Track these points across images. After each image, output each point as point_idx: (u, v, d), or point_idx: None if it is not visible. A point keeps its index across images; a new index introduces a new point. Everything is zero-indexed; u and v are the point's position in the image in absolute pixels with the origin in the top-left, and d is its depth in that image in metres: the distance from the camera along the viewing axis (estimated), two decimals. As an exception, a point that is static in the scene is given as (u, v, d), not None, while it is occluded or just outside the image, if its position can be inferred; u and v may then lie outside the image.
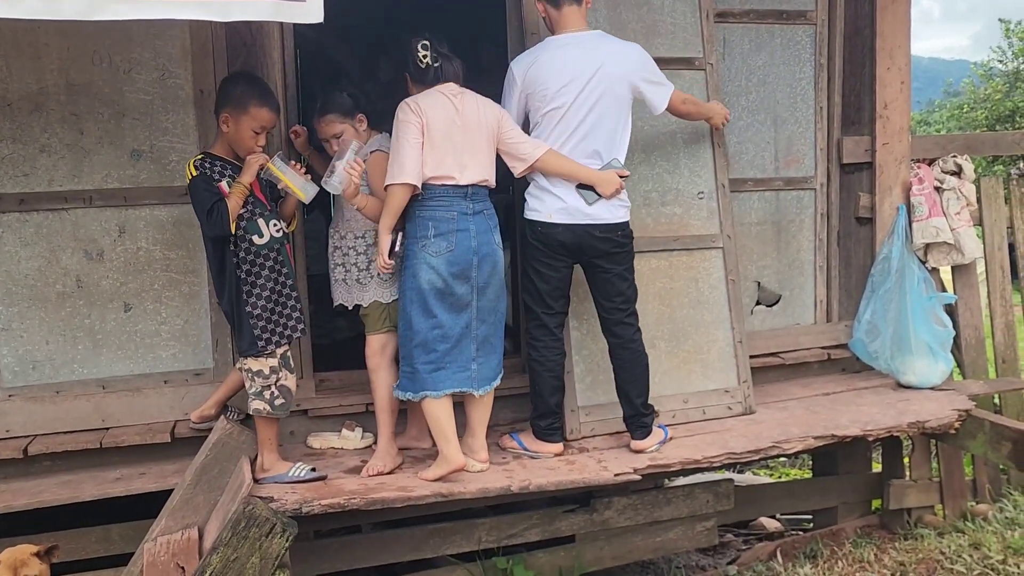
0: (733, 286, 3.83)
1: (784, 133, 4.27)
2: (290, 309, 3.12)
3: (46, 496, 3.08)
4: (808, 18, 4.24)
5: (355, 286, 3.29)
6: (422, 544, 3.42)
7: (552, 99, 3.20)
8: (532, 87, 3.23)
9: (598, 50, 3.24)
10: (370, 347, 3.28)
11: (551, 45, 3.27)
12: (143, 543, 2.88)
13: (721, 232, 3.84)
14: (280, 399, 3.07)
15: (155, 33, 3.31)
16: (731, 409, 3.78)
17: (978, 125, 16.04)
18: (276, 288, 3.08)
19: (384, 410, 3.24)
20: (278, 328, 3.07)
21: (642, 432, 3.38)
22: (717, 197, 3.85)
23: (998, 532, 3.60)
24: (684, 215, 3.79)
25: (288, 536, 2.66)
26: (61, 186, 3.30)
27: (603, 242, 3.27)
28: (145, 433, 3.33)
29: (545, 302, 3.32)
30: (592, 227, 3.24)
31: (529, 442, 3.37)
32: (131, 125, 3.33)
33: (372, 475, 3.13)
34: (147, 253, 3.40)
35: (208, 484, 2.98)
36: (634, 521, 3.60)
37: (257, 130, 3.02)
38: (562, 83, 3.19)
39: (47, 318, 3.35)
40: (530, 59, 3.27)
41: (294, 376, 3.15)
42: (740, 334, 3.83)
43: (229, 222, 2.94)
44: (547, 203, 3.25)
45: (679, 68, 3.75)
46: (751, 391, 3.83)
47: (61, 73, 3.26)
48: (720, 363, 3.81)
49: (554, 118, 3.22)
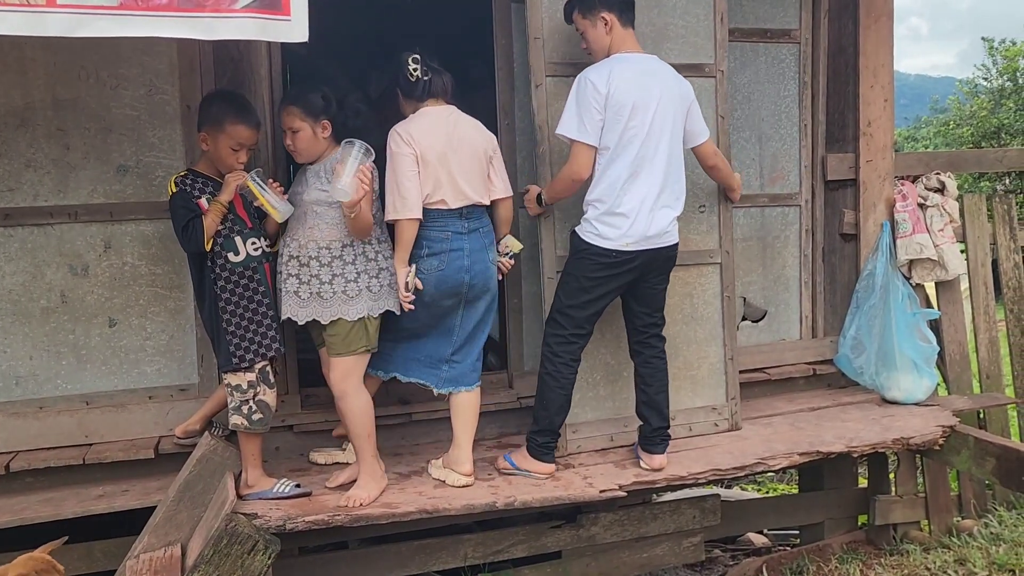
0: (728, 303, 3.82)
1: (769, 150, 4.31)
2: (265, 328, 3.05)
3: (28, 513, 3.06)
4: (792, 37, 4.28)
5: (313, 300, 3.03)
6: (408, 560, 3.41)
7: (631, 114, 3.14)
8: (613, 99, 3.13)
9: (664, 71, 3.26)
10: (335, 371, 3.07)
11: (623, 59, 3.20)
12: (125, 560, 2.86)
13: (720, 247, 3.81)
14: (258, 414, 3.04)
15: (142, 49, 3.31)
16: (717, 426, 3.79)
17: (964, 142, 16.17)
18: (251, 306, 3.04)
19: (360, 436, 3.09)
20: (252, 345, 3.03)
21: (664, 445, 3.38)
22: (719, 211, 3.79)
23: (983, 547, 3.61)
24: (683, 228, 3.66)
25: (270, 553, 2.65)
26: (47, 201, 3.30)
27: (667, 261, 3.32)
28: (129, 449, 3.31)
29: (580, 324, 3.27)
30: (662, 249, 3.27)
31: (520, 461, 3.34)
32: (117, 140, 3.34)
33: (355, 506, 3.00)
34: (132, 268, 3.40)
35: (192, 500, 2.97)
36: (621, 537, 3.60)
37: (235, 147, 2.98)
38: (638, 98, 3.14)
39: (31, 333, 3.33)
40: (606, 69, 3.15)
41: (274, 392, 3.10)
42: (732, 351, 3.83)
43: (203, 239, 2.93)
44: (620, 229, 3.17)
45: (688, 75, 3.61)
46: (739, 408, 3.84)
47: (48, 88, 3.27)
48: (710, 380, 3.81)
49: (628, 136, 3.16)
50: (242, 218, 3.07)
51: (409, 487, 3.21)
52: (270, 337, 3.07)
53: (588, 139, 3.15)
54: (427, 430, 3.73)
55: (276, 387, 3.13)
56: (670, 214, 3.27)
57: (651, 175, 3.19)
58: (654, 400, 3.36)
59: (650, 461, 3.36)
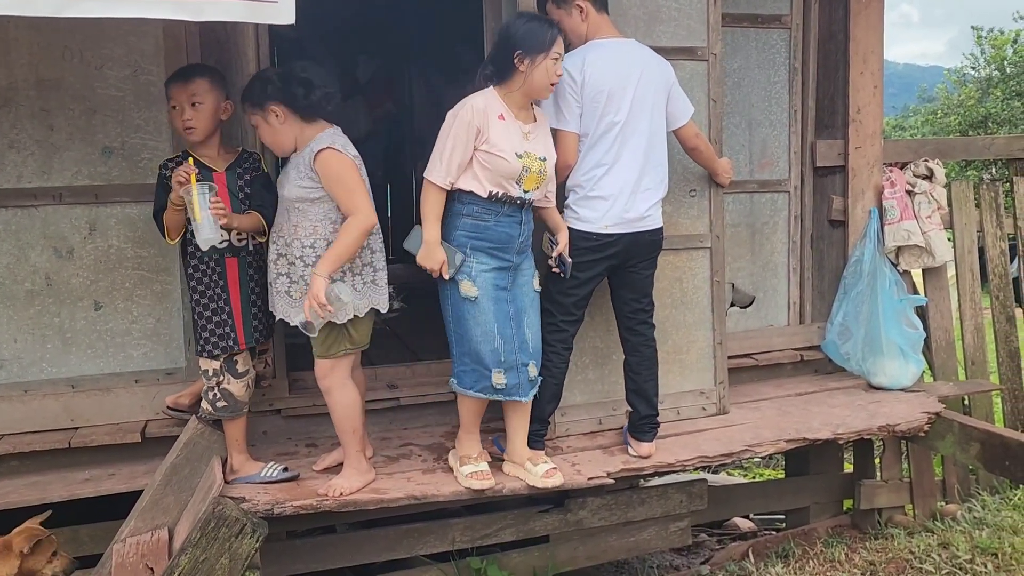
0: (718, 287, 3.81)
1: (758, 136, 4.31)
2: (221, 322, 2.97)
3: (13, 497, 3.04)
4: (783, 22, 4.27)
5: (302, 302, 2.86)
6: (396, 544, 3.41)
7: (607, 100, 3.15)
8: (588, 86, 3.14)
9: (643, 54, 3.25)
10: (317, 369, 3.01)
11: (597, 46, 3.21)
12: (112, 544, 2.85)
13: (710, 232, 3.78)
14: (222, 402, 3.00)
15: (128, 30, 3.27)
16: (705, 410, 3.80)
17: (951, 131, 16.24)
18: (213, 297, 2.97)
19: (346, 431, 3.03)
20: (212, 337, 2.97)
21: (653, 433, 3.38)
22: (709, 195, 3.77)
23: (966, 532, 3.65)
24: (673, 213, 3.69)
25: (258, 537, 2.65)
26: (30, 183, 3.26)
27: (650, 246, 3.31)
28: (115, 433, 3.29)
29: (568, 310, 3.27)
30: (644, 233, 3.26)
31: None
32: (102, 122, 3.30)
33: (335, 496, 2.95)
34: (118, 251, 3.36)
35: (179, 485, 2.96)
36: (608, 521, 3.61)
37: (172, 106, 2.94)
38: (614, 84, 3.15)
39: (15, 316, 3.30)
40: (579, 57, 3.16)
41: (241, 382, 3.02)
42: (720, 335, 3.83)
43: (163, 230, 2.96)
44: (599, 211, 3.19)
45: (679, 58, 3.60)
46: (727, 392, 3.85)
47: (31, 68, 3.22)
48: (698, 364, 3.81)
49: (606, 122, 3.18)
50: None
51: (397, 472, 3.21)
52: (227, 334, 2.97)
53: (568, 127, 3.17)
54: (415, 415, 3.73)
55: (247, 378, 3.04)
56: (651, 198, 3.27)
57: (631, 160, 3.21)
58: (642, 388, 3.37)
59: (638, 448, 3.37)
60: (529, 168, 2.95)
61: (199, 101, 2.93)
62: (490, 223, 2.96)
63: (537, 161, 2.98)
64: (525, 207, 3.02)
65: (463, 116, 2.90)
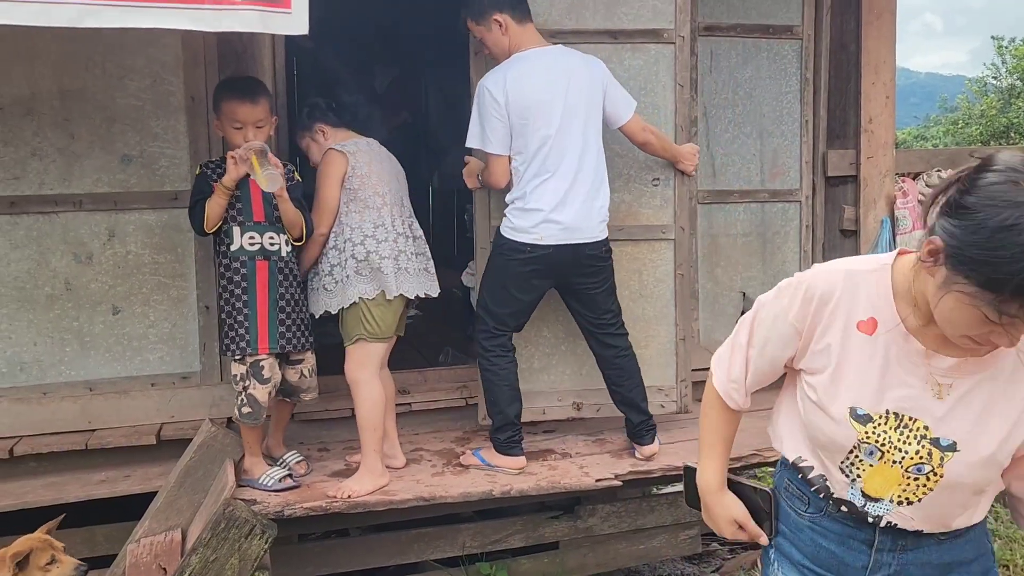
0: (681, 281, 3.63)
1: (770, 146, 4.32)
2: (239, 325, 2.99)
3: (31, 497, 3.10)
4: (794, 33, 4.29)
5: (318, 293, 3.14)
6: (406, 548, 3.44)
7: (536, 115, 3.09)
8: (513, 104, 3.09)
9: (569, 60, 3.17)
10: (347, 359, 3.13)
11: (519, 60, 3.13)
12: (126, 544, 2.89)
13: (675, 223, 3.59)
14: (247, 408, 2.99)
15: (148, 40, 3.34)
16: (664, 407, 3.65)
17: (973, 141, 16.14)
18: (233, 301, 3.01)
19: (366, 428, 3.08)
20: (233, 336, 3.00)
21: (651, 435, 3.37)
22: (674, 185, 3.57)
23: (978, 543, 3.63)
24: (634, 203, 3.56)
25: (268, 538, 2.68)
26: (52, 189, 3.34)
27: (593, 259, 3.22)
28: (131, 435, 3.35)
29: (503, 320, 3.25)
30: (583, 246, 3.17)
31: (490, 456, 3.31)
32: (122, 130, 3.37)
33: (343, 497, 2.98)
34: (136, 257, 3.43)
35: (192, 486, 3.01)
36: (618, 528, 3.62)
37: (236, 126, 2.97)
38: (541, 97, 3.09)
39: (36, 320, 3.37)
40: (500, 75, 3.12)
41: (265, 387, 3.00)
42: (684, 331, 3.66)
43: (203, 220, 2.97)
44: (533, 221, 3.12)
45: (642, 41, 3.38)
46: (689, 390, 3.69)
47: (54, 78, 3.30)
48: (659, 359, 3.64)
49: (539, 136, 3.11)
50: (251, 210, 3.03)
51: (407, 475, 3.25)
52: (243, 336, 2.99)
53: (494, 149, 3.14)
54: (426, 420, 3.77)
55: (271, 384, 3.01)
56: (589, 209, 3.17)
57: (567, 171, 3.12)
58: (628, 398, 3.34)
59: (641, 451, 3.39)
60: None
61: (262, 124, 3.01)
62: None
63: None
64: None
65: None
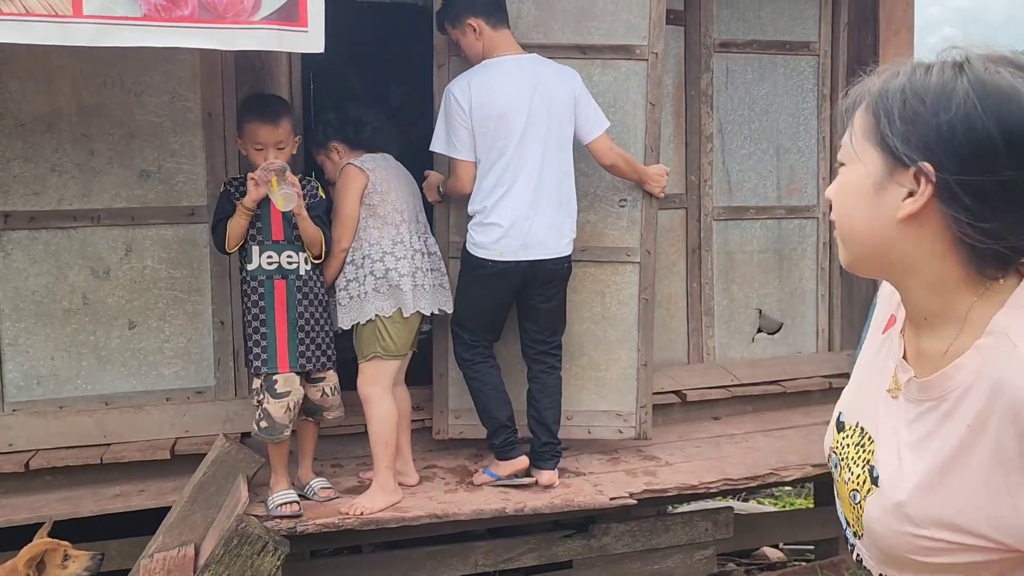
0: (645, 305, 3.55)
1: (787, 162, 4.30)
2: (254, 343, 3.02)
3: (46, 511, 3.11)
4: (811, 49, 4.28)
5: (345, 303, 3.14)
6: (419, 566, 3.41)
7: (498, 123, 3.06)
8: (476, 110, 3.08)
9: (541, 71, 3.12)
10: (360, 375, 3.14)
11: (486, 67, 3.11)
12: (140, 559, 2.90)
13: (641, 246, 3.51)
14: (264, 422, 2.99)
15: (166, 57, 3.38)
16: (622, 432, 3.59)
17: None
18: (255, 314, 3.03)
19: (378, 443, 3.07)
20: (255, 351, 3.03)
21: (555, 461, 3.30)
22: (642, 207, 3.49)
23: (1000, 565, 3.56)
24: (599, 223, 3.49)
25: (280, 555, 2.68)
26: (70, 205, 3.37)
27: (552, 274, 3.20)
28: (146, 450, 3.36)
29: (475, 333, 3.26)
30: (545, 261, 3.15)
31: (498, 469, 3.30)
32: (140, 146, 3.40)
33: (355, 514, 2.98)
34: (152, 272, 3.45)
35: (206, 502, 3.01)
36: (632, 548, 3.58)
37: (257, 147, 2.98)
38: (504, 106, 3.05)
39: (53, 334, 3.39)
40: (465, 81, 3.10)
41: (279, 403, 2.98)
42: (646, 357, 3.57)
43: (224, 240, 3.00)
44: (493, 237, 3.09)
45: (613, 57, 3.32)
46: (649, 416, 3.63)
47: (74, 95, 3.34)
48: (619, 384, 3.58)
49: (498, 147, 3.09)
50: (270, 228, 3.04)
51: (420, 492, 3.23)
52: (259, 354, 3.01)
53: (459, 155, 3.13)
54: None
55: (287, 400, 2.99)
56: (550, 223, 3.14)
57: (526, 183, 3.08)
58: (542, 416, 3.28)
59: (539, 476, 3.26)
60: None
61: (283, 146, 3.01)
62: None
63: None
64: None
65: None
